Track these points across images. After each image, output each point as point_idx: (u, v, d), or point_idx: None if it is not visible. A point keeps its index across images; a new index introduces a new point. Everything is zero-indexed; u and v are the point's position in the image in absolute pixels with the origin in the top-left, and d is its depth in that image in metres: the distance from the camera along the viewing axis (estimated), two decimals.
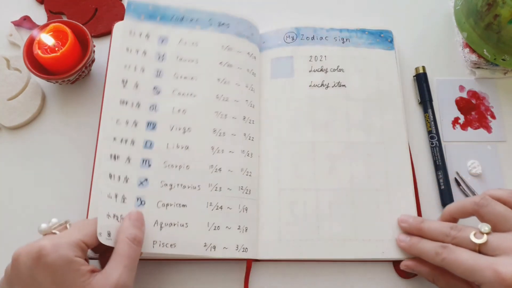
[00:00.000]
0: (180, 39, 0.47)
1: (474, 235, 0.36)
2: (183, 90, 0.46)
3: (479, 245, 0.36)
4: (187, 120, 0.45)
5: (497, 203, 0.37)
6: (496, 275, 0.33)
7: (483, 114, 0.49)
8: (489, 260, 0.34)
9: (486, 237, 0.36)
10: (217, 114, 0.45)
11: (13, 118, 0.49)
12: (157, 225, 0.41)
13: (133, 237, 0.37)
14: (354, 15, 0.55)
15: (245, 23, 0.49)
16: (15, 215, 0.46)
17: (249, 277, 0.42)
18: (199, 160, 0.43)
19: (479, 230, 0.36)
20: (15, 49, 0.53)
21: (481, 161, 0.47)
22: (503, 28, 0.45)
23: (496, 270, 0.33)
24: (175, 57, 0.47)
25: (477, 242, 0.36)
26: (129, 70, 0.45)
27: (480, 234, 0.36)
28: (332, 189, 0.44)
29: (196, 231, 0.41)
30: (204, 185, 0.43)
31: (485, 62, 0.50)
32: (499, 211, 0.37)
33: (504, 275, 0.33)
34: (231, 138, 0.45)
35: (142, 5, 0.47)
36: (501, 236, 0.36)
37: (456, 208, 0.40)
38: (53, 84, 0.51)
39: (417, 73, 0.51)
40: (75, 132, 0.49)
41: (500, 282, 0.33)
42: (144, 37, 0.47)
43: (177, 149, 0.44)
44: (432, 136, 0.48)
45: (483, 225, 0.36)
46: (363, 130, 0.46)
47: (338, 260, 0.43)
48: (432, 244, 0.39)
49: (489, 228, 0.36)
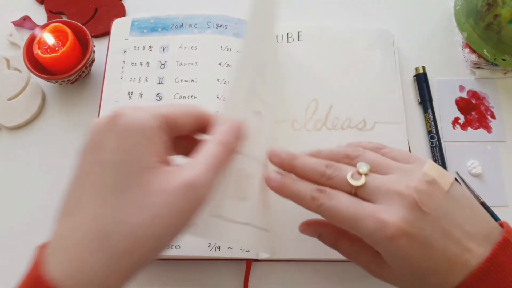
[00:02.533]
0: (180, 45, 0.49)
1: (352, 176, 0.32)
2: (184, 93, 0.47)
3: (356, 187, 0.31)
4: None
5: (370, 152, 0.34)
6: (378, 224, 0.29)
7: (483, 114, 0.49)
8: (370, 207, 0.30)
9: (364, 178, 0.31)
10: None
11: (13, 118, 0.49)
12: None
13: (225, 141, 0.29)
14: (354, 15, 0.55)
15: (243, 23, 0.50)
16: (15, 215, 0.46)
17: (249, 277, 0.42)
18: None
19: (357, 170, 0.32)
20: (15, 49, 0.53)
21: (481, 161, 0.47)
22: (503, 28, 0.45)
23: (379, 218, 0.29)
24: (175, 62, 0.48)
25: (355, 184, 0.31)
26: (134, 82, 0.47)
27: (357, 175, 0.32)
28: None
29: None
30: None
31: (485, 62, 0.50)
32: (374, 158, 0.33)
33: (387, 223, 0.29)
34: None
35: (145, 20, 0.50)
36: (379, 178, 0.32)
37: (326, 158, 0.34)
38: (53, 84, 0.51)
39: (417, 73, 0.51)
40: (75, 132, 0.49)
41: (383, 232, 0.29)
42: (147, 49, 0.49)
43: None
44: (432, 136, 0.48)
45: (361, 165, 0.32)
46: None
47: (338, 260, 0.43)
48: (308, 186, 0.33)
49: (368, 168, 0.32)
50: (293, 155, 0.35)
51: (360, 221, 0.30)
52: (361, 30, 0.51)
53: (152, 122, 0.27)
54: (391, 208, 0.30)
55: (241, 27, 0.49)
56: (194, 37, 0.49)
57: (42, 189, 0.46)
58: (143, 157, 0.26)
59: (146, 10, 0.55)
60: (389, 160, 0.34)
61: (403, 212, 0.29)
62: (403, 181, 0.31)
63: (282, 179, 0.34)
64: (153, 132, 0.27)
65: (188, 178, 0.26)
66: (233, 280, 0.43)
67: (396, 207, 0.30)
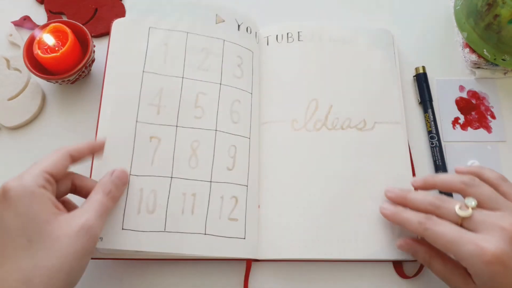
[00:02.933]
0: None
1: (460, 207, 0.36)
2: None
3: (462, 218, 0.35)
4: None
5: (485, 185, 0.37)
6: (478, 250, 0.33)
7: (483, 114, 0.49)
8: (472, 235, 0.34)
9: (471, 211, 0.35)
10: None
11: (13, 118, 0.49)
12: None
13: (108, 191, 0.37)
14: (354, 15, 0.55)
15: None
16: None
17: (249, 277, 0.42)
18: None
19: (465, 204, 0.36)
20: (15, 49, 0.53)
21: (481, 161, 0.47)
22: (503, 28, 0.45)
23: (479, 244, 0.33)
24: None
25: (462, 215, 0.35)
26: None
27: (465, 208, 0.36)
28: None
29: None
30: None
31: (485, 62, 0.50)
32: (486, 193, 0.36)
33: (486, 250, 0.33)
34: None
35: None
36: (486, 213, 0.35)
37: (442, 182, 0.39)
38: (53, 84, 0.51)
39: (417, 73, 0.51)
40: (75, 132, 0.49)
41: (481, 257, 0.33)
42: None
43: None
44: (432, 136, 0.48)
45: (469, 199, 0.36)
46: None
47: (338, 260, 0.43)
48: (416, 214, 0.38)
49: (476, 203, 0.36)
50: (406, 191, 0.41)
51: (461, 245, 0.34)
52: (361, 30, 0.51)
53: (35, 187, 0.33)
54: (491, 239, 0.33)
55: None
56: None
57: None
58: (40, 215, 0.32)
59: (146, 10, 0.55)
60: (500, 197, 0.36)
61: (502, 243, 0.33)
62: (508, 219, 0.34)
63: (394, 208, 0.41)
64: (41, 193, 0.33)
65: (82, 223, 0.33)
66: (233, 280, 0.43)
67: (496, 238, 0.33)
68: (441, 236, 0.35)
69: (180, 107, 0.44)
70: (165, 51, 0.45)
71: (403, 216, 0.39)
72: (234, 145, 0.44)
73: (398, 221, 0.40)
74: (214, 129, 0.44)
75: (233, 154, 0.44)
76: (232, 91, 0.46)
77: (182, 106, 0.44)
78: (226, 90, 0.46)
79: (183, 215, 0.41)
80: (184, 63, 0.45)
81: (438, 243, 0.36)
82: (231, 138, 0.44)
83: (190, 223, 0.41)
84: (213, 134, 0.44)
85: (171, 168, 0.42)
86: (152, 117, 0.43)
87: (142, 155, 0.42)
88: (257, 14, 0.51)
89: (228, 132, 0.44)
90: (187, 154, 0.42)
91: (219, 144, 0.43)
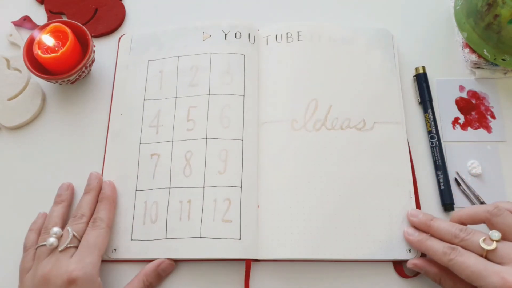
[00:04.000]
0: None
1: (484, 240, 0.37)
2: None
3: (487, 251, 0.36)
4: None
5: (510, 214, 0.38)
6: (503, 282, 0.34)
7: (483, 114, 0.49)
8: (496, 267, 0.35)
9: (495, 244, 0.36)
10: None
11: (13, 118, 0.49)
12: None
13: (148, 284, 0.42)
14: (354, 15, 0.55)
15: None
16: (16, 215, 0.46)
17: (249, 277, 0.42)
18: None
19: (489, 237, 0.37)
20: (15, 49, 0.53)
21: (481, 161, 0.47)
22: (503, 28, 0.45)
23: (503, 277, 0.34)
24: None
25: (486, 248, 0.36)
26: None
27: (489, 241, 0.37)
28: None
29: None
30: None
31: (485, 62, 0.50)
32: (511, 223, 0.37)
33: (510, 283, 0.33)
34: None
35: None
36: (510, 245, 0.36)
37: (467, 215, 0.40)
38: (53, 84, 0.51)
39: (417, 73, 0.51)
40: (75, 132, 0.49)
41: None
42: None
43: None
44: (432, 136, 0.48)
45: (493, 232, 0.37)
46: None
47: (338, 260, 0.43)
48: (441, 243, 0.39)
49: (499, 235, 0.36)
50: (430, 217, 0.41)
51: (486, 277, 0.35)
52: (361, 30, 0.51)
53: (97, 274, 0.39)
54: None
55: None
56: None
57: (42, 188, 0.46)
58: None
59: (146, 9, 0.55)
60: None
61: None
62: None
63: (419, 235, 0.41)
64: (99, 281, 0.39)
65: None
66: (234, 280, 0.43)
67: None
68: (466, 267, 0.36)
69: (174, 123, 0.47)
70: (160, 78, 0.49)
71: (427, 244, 0.40)
72: (225, 149, 0.45)
73: (423, 248, 0.40)
74: (205, 137, 0.46)
75: (224, 158, 0.45)
76: (221, 99, 0.47)
77: (176, 122, 0.47)
78: (214, 99, 0.47)
79: (180, 221, 0.43)
80: (177, 85, 0.49)
81: (463, 274, 0.36)
82: (221, 142, 0.45)
83: (187, 228, 0.42)
84: (204, 142, 0.46)
85: (169, 180, 0.44)
86: (152, 137, 0.47)
87: (145, 171, 0.46)
88: (257, 14, 0.51)
89: (219, 138, 0.46)
90: (182, 165, 0.45)
91: (210, 150, 0.45)
